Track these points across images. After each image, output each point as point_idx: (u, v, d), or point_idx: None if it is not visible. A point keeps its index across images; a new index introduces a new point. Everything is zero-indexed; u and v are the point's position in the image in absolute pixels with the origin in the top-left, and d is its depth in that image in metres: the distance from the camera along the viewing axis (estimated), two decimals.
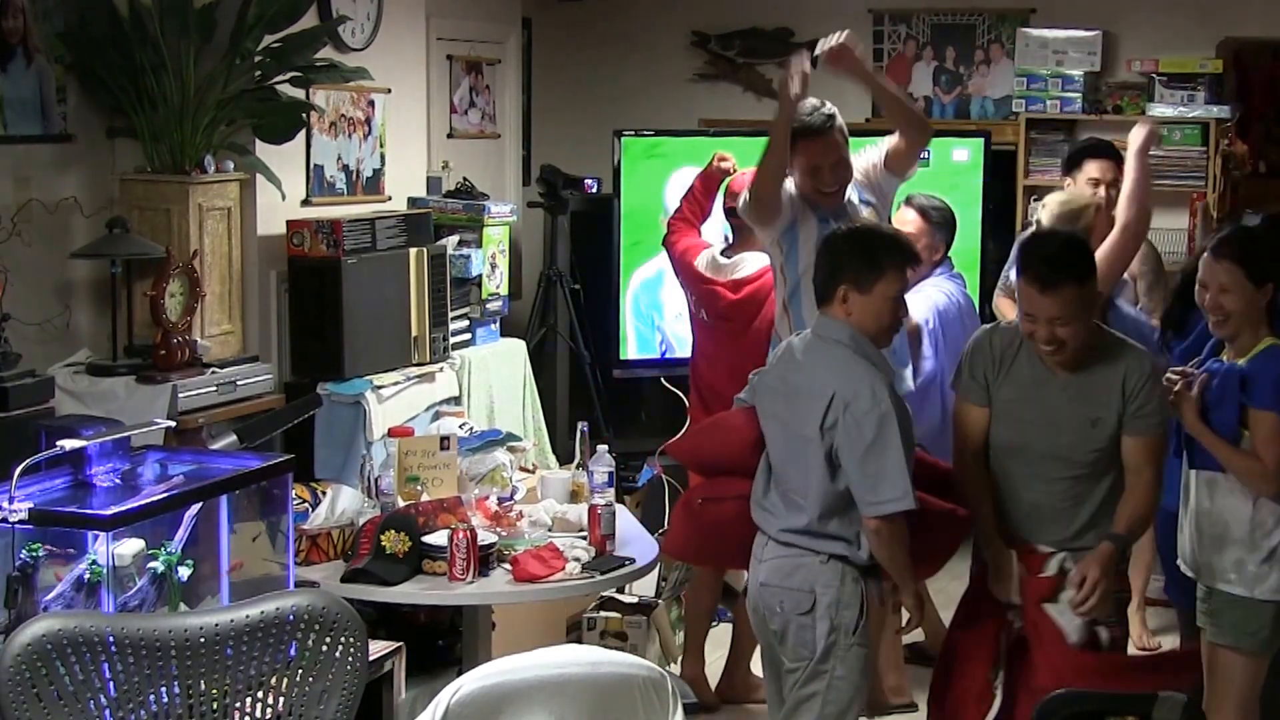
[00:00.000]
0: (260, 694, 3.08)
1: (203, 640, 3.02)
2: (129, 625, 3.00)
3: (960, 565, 4.22)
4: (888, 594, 3.82)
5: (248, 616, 3.06)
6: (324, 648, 3.11)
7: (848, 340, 3.78)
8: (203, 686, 3.02)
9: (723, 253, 5.19)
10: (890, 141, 4.76)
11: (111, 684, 2.95)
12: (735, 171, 5.24)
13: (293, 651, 3.10)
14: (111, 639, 2.95)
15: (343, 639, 3.11)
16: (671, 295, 6.14)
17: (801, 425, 3.76)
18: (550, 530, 4.46)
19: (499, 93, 7.25)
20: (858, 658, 3.76)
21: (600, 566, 4.25)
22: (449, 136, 6.86)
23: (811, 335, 3.88)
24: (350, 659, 3.12)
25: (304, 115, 5.33)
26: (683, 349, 5.99)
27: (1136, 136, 4.83)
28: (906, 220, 5.29)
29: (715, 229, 5.46)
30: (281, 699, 3.09)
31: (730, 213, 5.15)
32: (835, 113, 4.64)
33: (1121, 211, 4.72)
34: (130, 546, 3.38)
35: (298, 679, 3.10)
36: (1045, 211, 4.86)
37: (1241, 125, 7.18)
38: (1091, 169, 5.58)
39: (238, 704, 3.06)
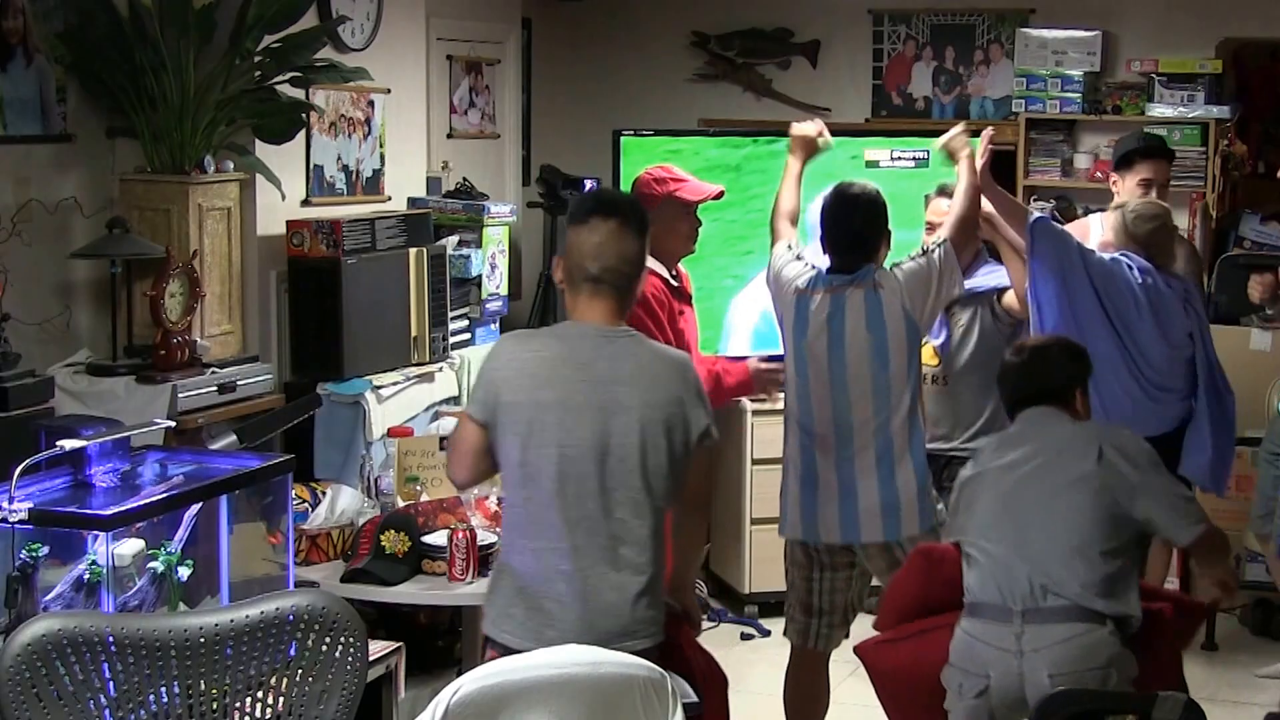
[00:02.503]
0: (260, 694, 3.09)
1: (203, 640, 3.02)
2: (129, 625, 3.00)
3: None
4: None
5: (248, 616, 3.07)
6: (324, 648, 3.11)
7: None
8: (203, 686, 3.02)
9: None
10: None
11: (111, 684, 2.95)
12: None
13: (293, 651, 3.10)
14: (111, 639, 2.95)
15: (343, 639, 3.12)
16: None
17: (1070, 469, 3.80)
18: None
19: (499, 93, 7.25)
20: None
21: None
22: (449, 136, 6.86)
23: (1033, 422, 3.97)
24: (350, 659, 3.12)
25: (304, 115, 5.33)
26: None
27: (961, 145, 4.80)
28: (942, 210, 4.99)
29: None
30: (281, 699, 3.09)
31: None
32: None
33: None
34: (130, 546, 3.38)
35: (298, 679, 3.10)
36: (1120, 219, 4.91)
37: (1241, 125, 7.18)
38: (1144, 169, 5.50)
39: (238, 704, 3.07)
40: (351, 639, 3.13)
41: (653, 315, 4.58)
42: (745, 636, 6.18)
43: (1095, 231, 5.46)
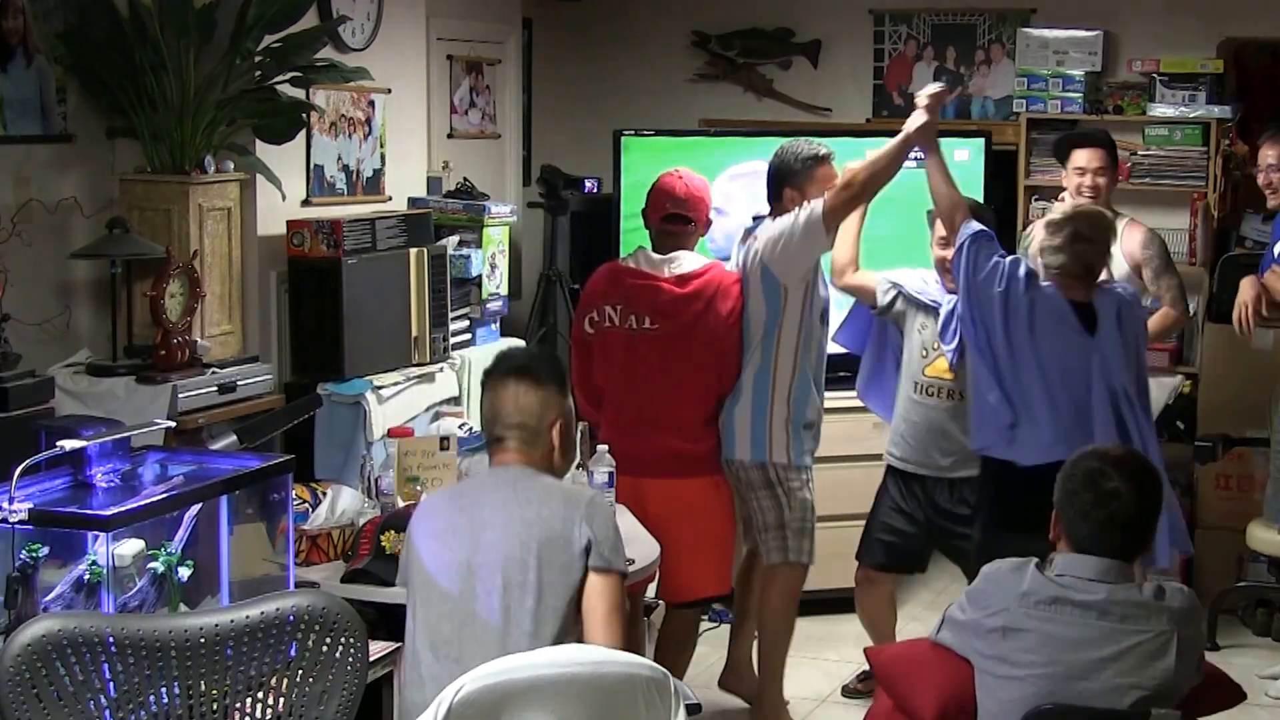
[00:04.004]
0: (260, 694, 3.08)
1: (203, 640, 3.01)
2: (129, 625, 2.99)
3: None
4: None
5: (248, 617, 3.06)
6: (324, 648, 3.10)
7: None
8: (203, 687, 3.02)
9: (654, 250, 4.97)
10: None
11: (111, 684, 2.95)
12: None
13: (293, 652, 3.09)
14: (111, 639, 2.94)
15: (343, 639, 3.11)
16: None
17: (1148, 672, 3.31)
18: None
19: (499, 93, 7.25)
20: None
21: None
22: (449, 136, 6.86)
23: (1065, 594, 3.35)
24: (350, 659, 3.12)
25: (304, 115, 5.33)
26: None
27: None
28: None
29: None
30: (281, 699, 3.09)
31: (671, 219, 4.91)
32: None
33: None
34: (130, 547, 3.38)
35: (298, 679, 3.10)
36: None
37: (1242, 125, 7.18)
38: (1078, 158, 5.57)
39: (238, 704, 3.06)
40: (352, 639, 3.12)
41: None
42: None
43: None
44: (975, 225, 4.75)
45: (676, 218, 4.91)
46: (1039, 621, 3.31)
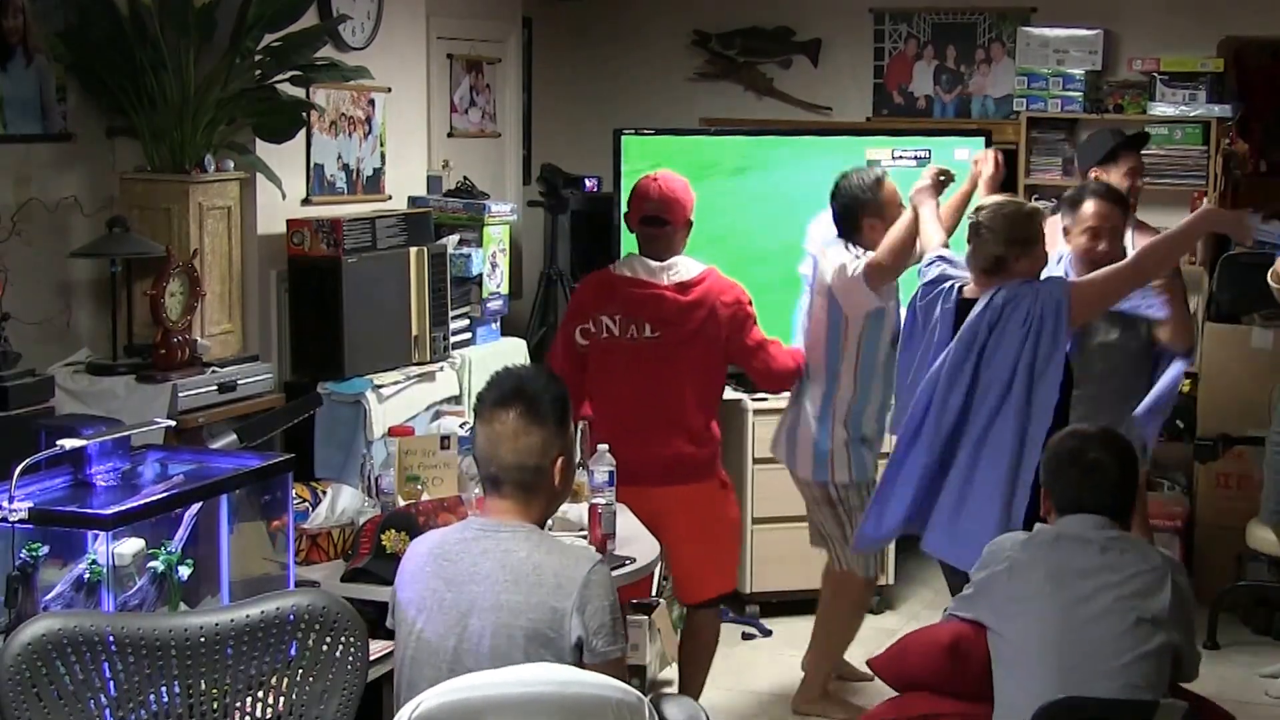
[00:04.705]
0: (260, 694, 3.09)
1: (203, 640, 3.02)
2: (129, 625, 3.00)
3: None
4: None
5: (248, 616, 3.06)
6: (324, 648, 3.11)
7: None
8: (203, 686, 3.02)
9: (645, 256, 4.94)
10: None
11: (111, 684, 2.95)
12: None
13: (293, 651, 3.10)
14: (111, 639, 2.95)
15: (343, 639, 3.11)
16: None
17: (1143, 607, 3.49)
18: (550, 529, 4.45)
19: (499, 92, 7.24)
20: None
21: None
22: (449, 136, 6.86)
23: (1094, 537, 3.61)
24: (350, 659, 3.12)
25: (304, 114, 5.33)
26: None
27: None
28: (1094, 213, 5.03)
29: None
30: (281, 699, 3.09)
31: (649, 220, 4.89)
32: None
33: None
34: (130, 546, 3.38)
35: (298, 679, 3.10)
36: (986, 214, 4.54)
37: (1242, 124, 7.18)
38: (1131, 159, 5.55)
39: (238, 704, 3.06)
40: (352, 639, 3.13)
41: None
42: (746, 636, 6.17)
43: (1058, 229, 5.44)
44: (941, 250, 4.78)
45: (653, 219, 4.92)
46: (1044, 555, 3.60)
